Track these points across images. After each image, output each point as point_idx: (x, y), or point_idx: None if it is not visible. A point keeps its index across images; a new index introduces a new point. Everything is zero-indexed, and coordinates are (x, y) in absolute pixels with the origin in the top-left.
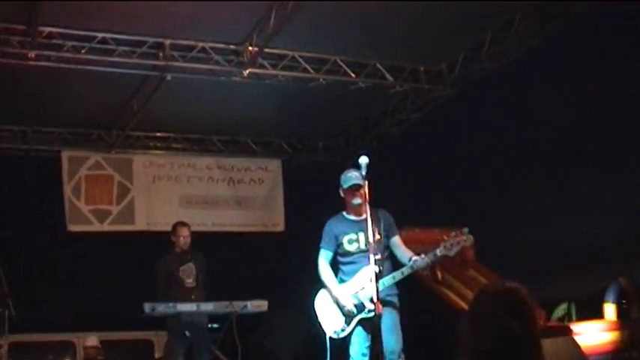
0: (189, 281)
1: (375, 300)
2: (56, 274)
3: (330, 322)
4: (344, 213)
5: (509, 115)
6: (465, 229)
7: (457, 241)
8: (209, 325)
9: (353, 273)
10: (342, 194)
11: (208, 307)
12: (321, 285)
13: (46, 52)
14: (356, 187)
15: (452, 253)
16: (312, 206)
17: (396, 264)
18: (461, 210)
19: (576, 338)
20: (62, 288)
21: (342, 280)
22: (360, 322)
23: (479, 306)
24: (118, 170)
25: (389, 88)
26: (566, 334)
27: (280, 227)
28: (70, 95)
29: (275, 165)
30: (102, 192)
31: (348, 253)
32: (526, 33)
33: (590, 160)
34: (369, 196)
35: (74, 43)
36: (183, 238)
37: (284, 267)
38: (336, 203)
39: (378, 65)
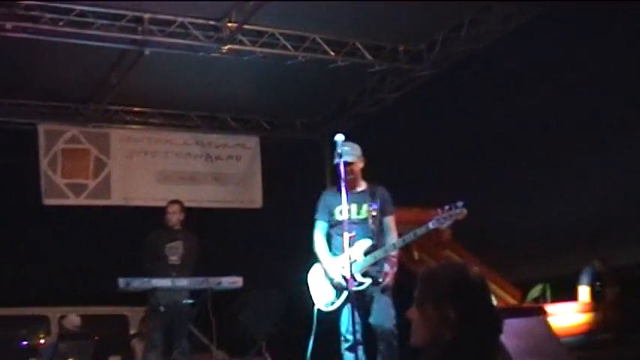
0: (174, 259)
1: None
2: (31, 247)
3: (321, 294)
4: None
5: (488, 97)
6: (460, 203)
7: (450, 215)
8: (183, 301)
9: (343, 245)
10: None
11: (183, 282)
12: (315, 258)
13: (23, 24)
14: (345, 164)
15: (444, 225)
16: (289, 183)
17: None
18: (437, 190)
19: (550, 319)
20: (37, 262)
21: (334, 253)
22: (355, 295)
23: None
24: (95, 144)
25: (368, 67)
26: (540, 314)
27: (257, 204)
28: (47, 68)
29: (253, 142)
30: (78, 166)
31: (339, 224)
32: (505, 16)
33: (566, 144)
34: (345, 173)
35: (52, 15)
36: (170, 214)
37: (260, 244)
38: (312, 180)
39: (357, 44)
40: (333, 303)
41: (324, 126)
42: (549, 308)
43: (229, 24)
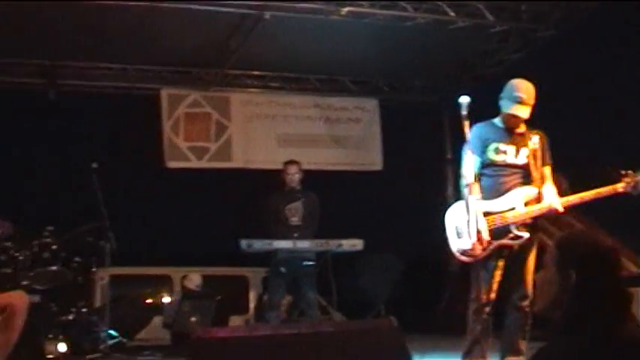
0: (295, 219)
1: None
2: (156, 209)
3: (460, 239)
4: (495, 120)
5: (615, 58)
6: None
7: None
8: (304, 263)
9: (496, 190)
10: (501, 106)
11: (304, 244)
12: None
13: None
14: (520, 102)
15: (636, 192)
16: (409, 146)
17: None
18: (559, 156)
19: None
20: (161, 223)
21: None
22: (499, 250)
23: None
24: (216, 108)
25: (489, 28)
26: None
27: (377, 166)
28: (169, 34)
29: (372, 104)
30: (200, 129)
31: (492, 165)
32: None
33: None
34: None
35: None
36: (289, 175)
37: (380, 206)
38: (432, 143)
39: (479, 4)
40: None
41: (443, 88)
42: None
43: None
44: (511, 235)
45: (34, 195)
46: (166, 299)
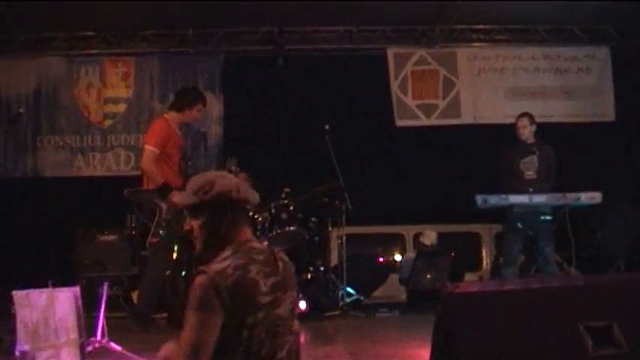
0: (530, 173)
1: None
2: (386, 168)
3: None
4: None
5: None
6: None
7: None
8: (541, 217)
9: None
10: None
11: (541, 198)
12: None
13: None
14: None
15: None
16: None
17: None
18: None
19: None
20: (391, 181)
21: None
22: None
23: None
24: (442, 65)
25: None
26: None
27: (610, 117)
28: None
29: (603, 53)
30: (428, 87)
31: None
32: None
33: None
34: None
35: None
36: (521, 128)
37: (615, 158)
38: None
39: None
40: None
41: None
42: None
43: None
44: None
45: (271, 159)
46: (398, 257)
